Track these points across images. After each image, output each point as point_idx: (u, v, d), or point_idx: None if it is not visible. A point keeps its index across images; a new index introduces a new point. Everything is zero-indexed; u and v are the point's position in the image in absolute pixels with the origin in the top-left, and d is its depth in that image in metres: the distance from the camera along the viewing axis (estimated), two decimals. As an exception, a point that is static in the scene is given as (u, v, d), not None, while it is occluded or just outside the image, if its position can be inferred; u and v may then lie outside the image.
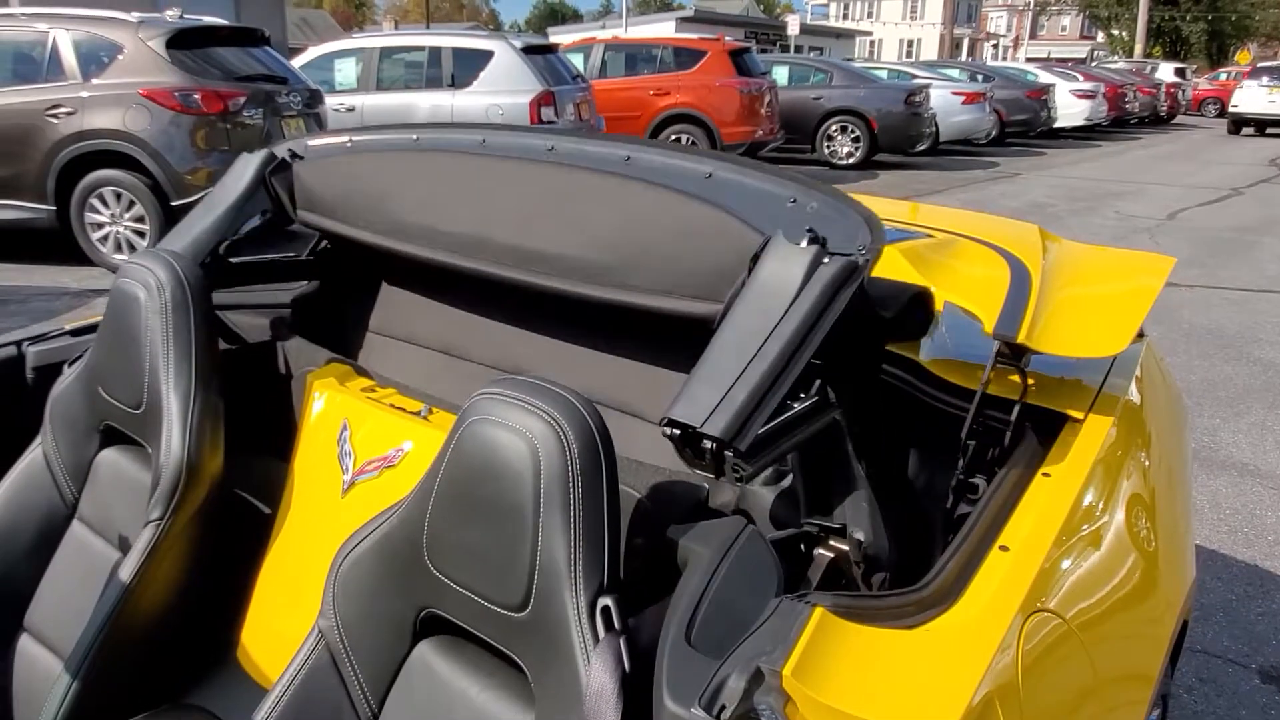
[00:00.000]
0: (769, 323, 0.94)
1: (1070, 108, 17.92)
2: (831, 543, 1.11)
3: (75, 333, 1.63)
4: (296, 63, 8.40)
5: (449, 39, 8.90)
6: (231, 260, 1.61)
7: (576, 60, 10.69)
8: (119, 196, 6.00)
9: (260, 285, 1.72)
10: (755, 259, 1.01)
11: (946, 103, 14.00)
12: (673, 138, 10.57)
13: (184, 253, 1.45)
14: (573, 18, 68.14)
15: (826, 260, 0.97)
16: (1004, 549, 0.96)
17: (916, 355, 1.39)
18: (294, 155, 1.60)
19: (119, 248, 6.06)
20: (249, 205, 1.57)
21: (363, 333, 1.73)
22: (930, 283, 1.36)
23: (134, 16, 6.15)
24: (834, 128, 12.43)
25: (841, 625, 0.79)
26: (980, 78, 16.30)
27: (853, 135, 12.39)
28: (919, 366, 1.34)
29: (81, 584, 1.33)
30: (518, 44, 8.57)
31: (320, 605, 1.08)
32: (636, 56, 11.25)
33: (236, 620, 1.39)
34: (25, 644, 1.39)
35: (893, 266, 1.38)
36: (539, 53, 8.74)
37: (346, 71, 8.84)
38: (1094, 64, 26.97)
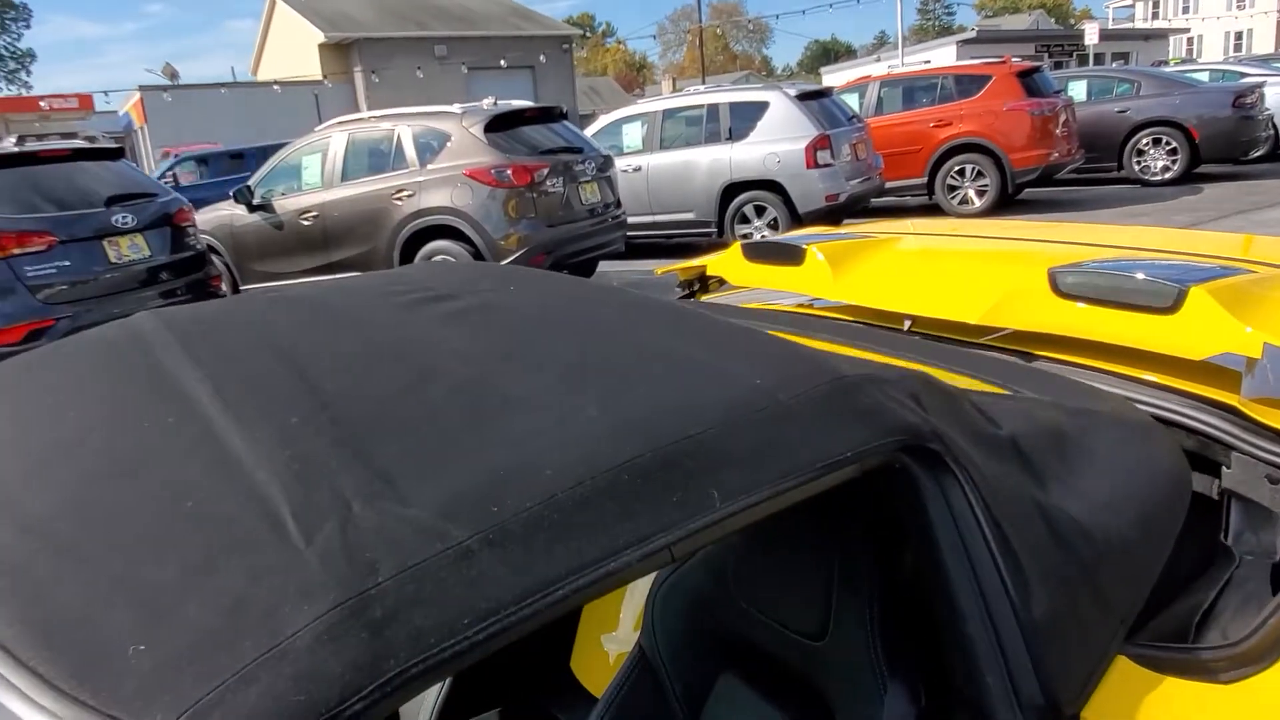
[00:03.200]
0: None
1: None
2: None
3: None
4: (589, 131, 9.20)
5: (726, 95, 9.29)
6: None
7: (852, 100, 10.68)
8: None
9: None
10: None
11: (1288, 100, 12.21)
12: (956, 169, 10.19)
13: None
14: (845, 54, 67.68)
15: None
16: None
17: (1235, 397, 1.30)
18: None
19: (450, 307, 7.02)
20: None
21: None
22: (1249, 323, 1.28)
23: (458, 108, 7.15)
24: (1145, 141, 11.27)
25: (1143, 675, 0.80)
26: (1333, 66, 14.04)
27: (1168, 148, 11.17)
28: (1236, 410, 1.25)
29: None
30: (792, 92, 8.76)
31: (641, 626, 1.23)
32: (914, 89, 10.99)
33: (571, 635, 1.60)
34: None
35: (1204, 308, 1.31)
36: (813, 98, 8.87)
37: (633, 135, 9.54)
38: None
